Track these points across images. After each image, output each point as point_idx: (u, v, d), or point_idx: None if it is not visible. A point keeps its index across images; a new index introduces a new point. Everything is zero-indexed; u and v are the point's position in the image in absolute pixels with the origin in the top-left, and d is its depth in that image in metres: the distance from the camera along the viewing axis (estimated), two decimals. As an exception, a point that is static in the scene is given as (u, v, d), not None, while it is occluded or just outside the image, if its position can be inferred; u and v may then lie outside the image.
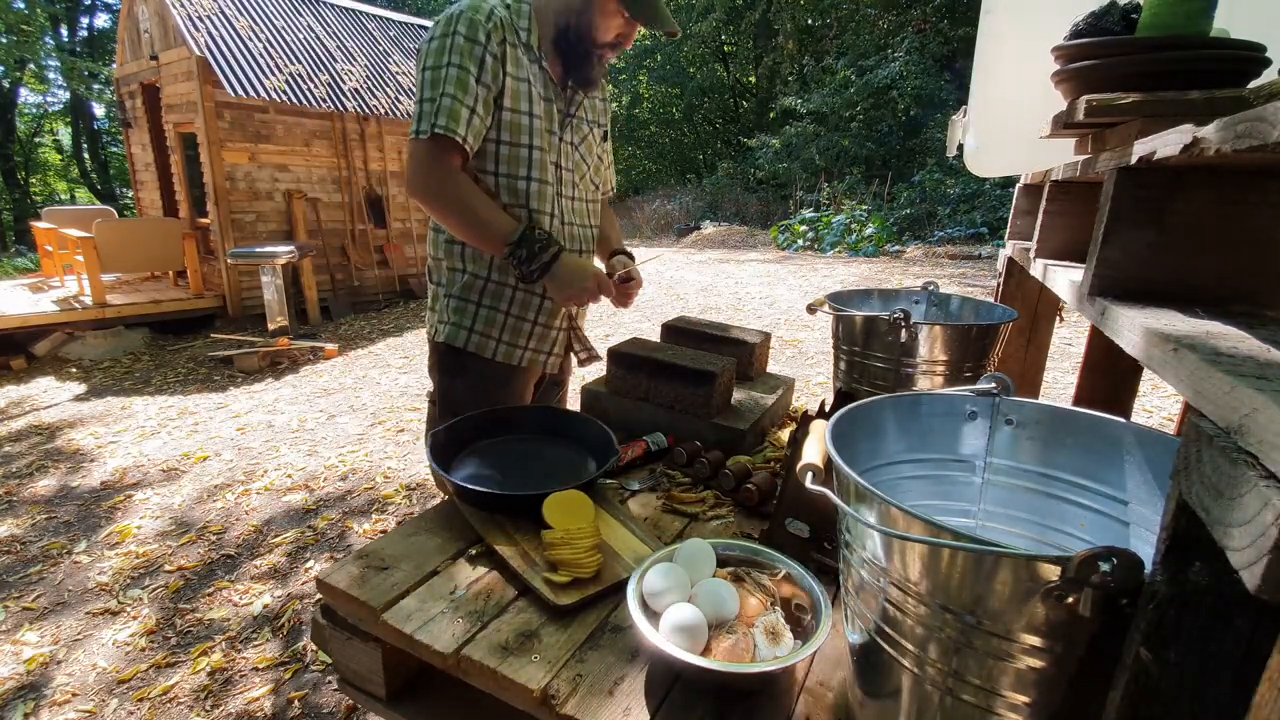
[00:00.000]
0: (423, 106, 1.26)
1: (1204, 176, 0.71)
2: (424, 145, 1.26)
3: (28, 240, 13.79)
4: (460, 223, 1.34)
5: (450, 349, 1.52)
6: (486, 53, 1.26)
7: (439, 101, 1.24)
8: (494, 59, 1.28)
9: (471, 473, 1.32)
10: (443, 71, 1.24)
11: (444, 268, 1.50)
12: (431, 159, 1.27)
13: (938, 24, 13.10)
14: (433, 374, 1.61)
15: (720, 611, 0.88)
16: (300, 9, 7.43)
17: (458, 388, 1.54)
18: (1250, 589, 0.35)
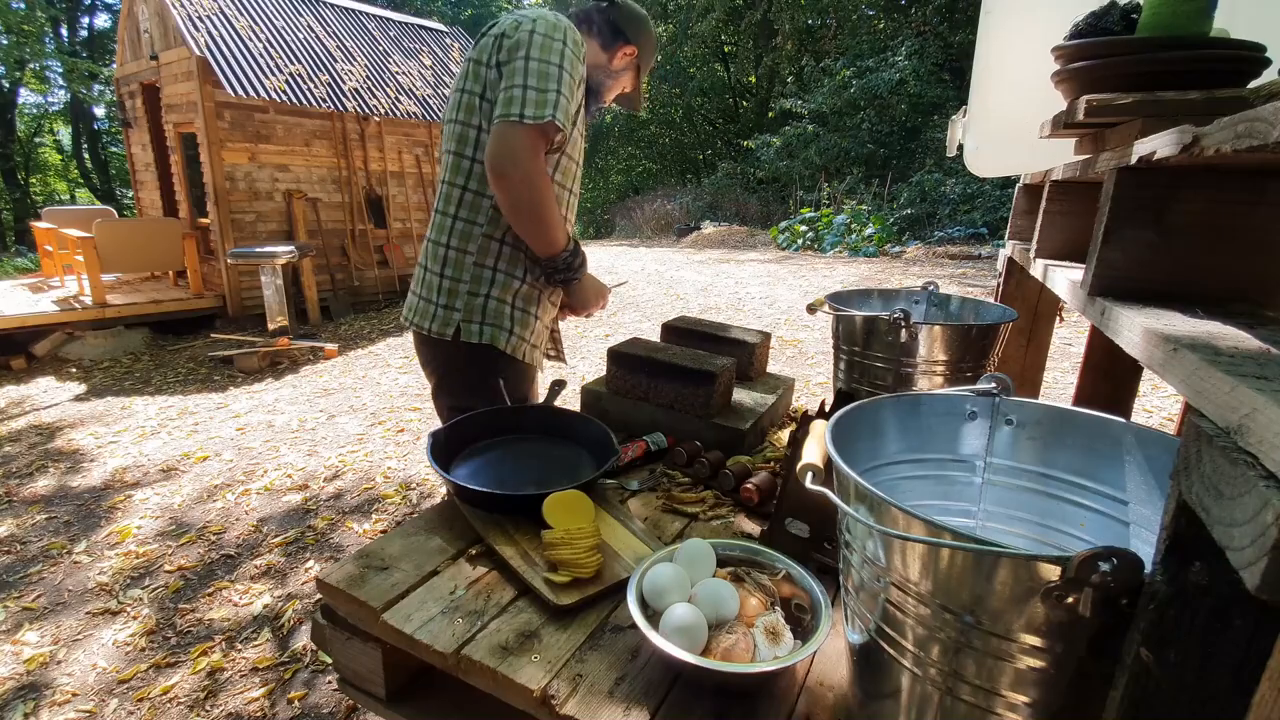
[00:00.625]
0: (537, 94, 1.24)
1: (1204, 176, 0.71)
2: (533, 131, 1.26)
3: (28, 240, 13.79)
4: (540, 215, 1.34)
5: (490, 350, 1.47)
6: (580, 69, 1.34)
7: (556, 96, 1.25)
8: (582, 79, 1.36)
9: (471, 473, 1.32)
10: (556, 70, 1.26)
11: (470, 263, 1.44)
12: (536, 146, 1.28)
13: (937, 27, 13.10)
14: (455, 373, 1.51)
15: (720, 611, 0.88)
16: (300, 9, 7.43)
17: (489, 389, 1.47)
18: (1250, 589, 0.35)
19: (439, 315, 1.47)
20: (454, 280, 1.46)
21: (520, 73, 1.25)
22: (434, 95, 7.74)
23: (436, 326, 1.47)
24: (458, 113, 1.39)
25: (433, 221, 1.49)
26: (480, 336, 1.47)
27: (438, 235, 1.47)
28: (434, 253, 1.48)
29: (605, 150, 21.29)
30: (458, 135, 1.40)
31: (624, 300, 7.29)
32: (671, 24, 19.36)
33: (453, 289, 1.46)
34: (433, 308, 1.47)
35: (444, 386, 1.57)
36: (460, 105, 1.38)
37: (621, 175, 21.88)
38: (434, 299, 1.47)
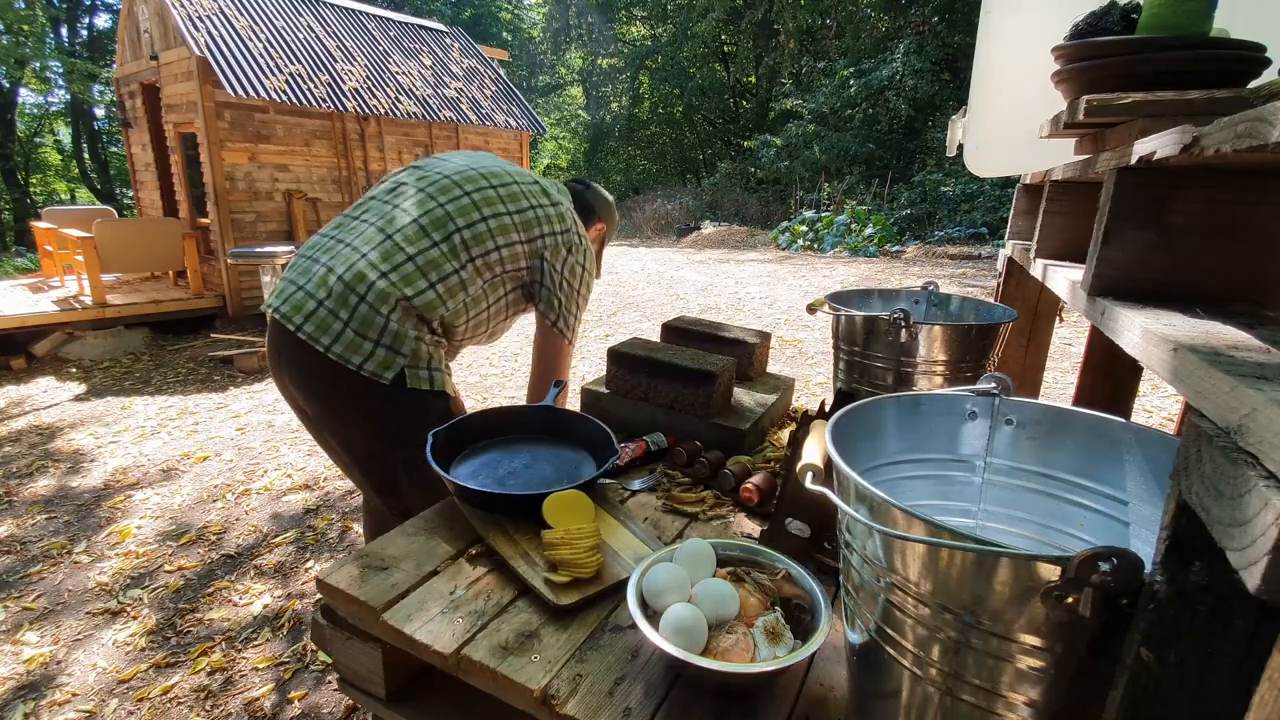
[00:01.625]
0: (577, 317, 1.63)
1: (1204, 176, 0.71)
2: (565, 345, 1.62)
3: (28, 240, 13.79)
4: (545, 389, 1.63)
5: (442, 394, 1.46)
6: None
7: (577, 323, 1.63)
8: None
9: (471, 473, 1.32)
10: (586, 295, 1.63)
11: (414, 318, 1.40)
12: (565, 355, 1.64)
13: (936, 26, 13.11)
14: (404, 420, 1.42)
15: (720, 611, 0.88)
16: (300, 9, 7.43)
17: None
18: (1250, 589, 0.35)
19: (377, 355, 1.36)
20: (401, 325, 1.37)
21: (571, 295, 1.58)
22: (434, 95, 7.74)
23: (372, 366, 1.35)
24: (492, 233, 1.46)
25: (392, 259, 1.37)
26: (431, 384, 1.42)
27: (400, 281, 1.36)
28: (383, 291, 1.36)
29: (605, 150, 21.31)
30: (480, 248, 1.45)
31: (624, 300, 7.29)
32: (671, 24, 19.37)
33: (401, 333, 1.37)
34: (368, 344, 1.35)
35: (394, 436, 1.42)
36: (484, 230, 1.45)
37: (621, 175, 21.88)
38: (369, 335, 1.35)
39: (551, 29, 22.25)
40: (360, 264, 1.38)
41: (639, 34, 21.15)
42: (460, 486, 1.20)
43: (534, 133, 8.99)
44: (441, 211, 1.44)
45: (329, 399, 1.43)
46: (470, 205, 1.45)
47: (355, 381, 1.36)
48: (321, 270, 1.40)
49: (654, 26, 20.65)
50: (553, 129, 22.81)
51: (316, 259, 1.44)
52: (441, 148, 7.89)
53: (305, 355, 1.37)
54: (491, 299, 1.51)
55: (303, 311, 1.36)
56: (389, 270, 1.37)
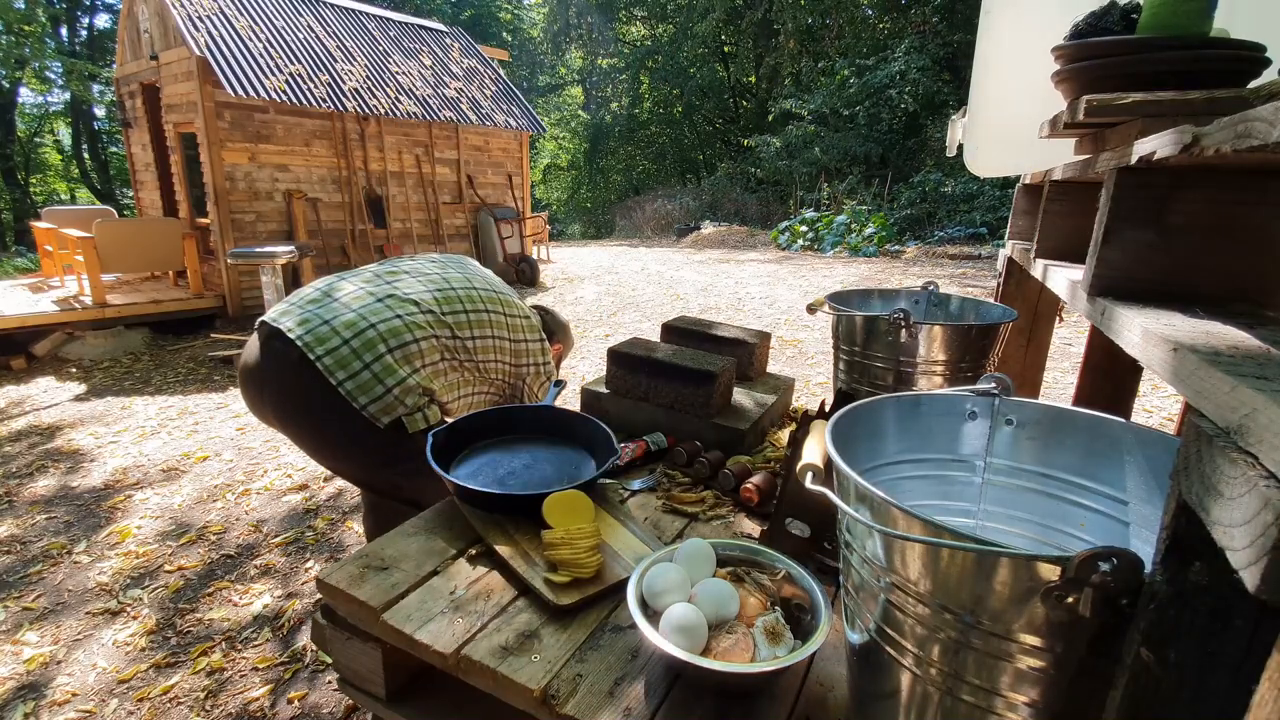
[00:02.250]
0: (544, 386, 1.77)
1: (1204, 176, 0.71)
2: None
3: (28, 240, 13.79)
4: None
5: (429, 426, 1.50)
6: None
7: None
8: None
9: (471, 473, 1.32)
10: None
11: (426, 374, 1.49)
12: None
13: (937, 26, 13.10)
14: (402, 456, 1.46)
15: (720, 611, 0.88)
16: (300, 9, 7.43)
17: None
18: (1250, 589, 0.35)
19: (385, 400, 1.42)
20: (413, 383, 1.45)
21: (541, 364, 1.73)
22: (434, 95, 7.74)
23: (375, 409, 1.41)
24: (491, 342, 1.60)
25: (423, 331, 1.49)
26: (426, 422, 1.46)
27: (426, 349, 1.48)
28: (409, 354, 1.46)
29: (605, 150, 21.30)
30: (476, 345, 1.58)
31: (624, 300, 7.29)
32: (671, 24, 19.36)
33: (409, 388, 1.44)
34: (380, 388, 1.42)
35: (389, 464, 1.48)
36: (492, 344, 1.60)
37: (621, 175, 21.88)
38: (385, 380, 1.42)
39: (551, 29, 22.24)
40: (397, 324, 1.47)
41: (639, 34, 21.15)
42: (460, 486, 1.20)
43: (534, 133, 8.99)
44: (465, 317, 1.58)
45: (317, 433, 1.50)
46: (488, 321, 1.62)
47: (352, 421, 1.42)
48: (354, 317, 1.48)
49: (654, 26, 20.65)
50: (553, 129, 22.80)
51: (343, 302, 1.52)
52: (441, 148, 7.89)
53: (308, 383, 1.41)
54: (476, 390, 1.65)
55: (325, 344, 1.42)
56: (421, 339, 1.48)
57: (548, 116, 22.26)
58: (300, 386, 1.43)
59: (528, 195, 9.09)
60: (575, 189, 23.22)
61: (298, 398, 1.47)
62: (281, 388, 1.48)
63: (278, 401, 1.50)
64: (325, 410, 1.42)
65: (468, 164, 8.22)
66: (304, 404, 1.47)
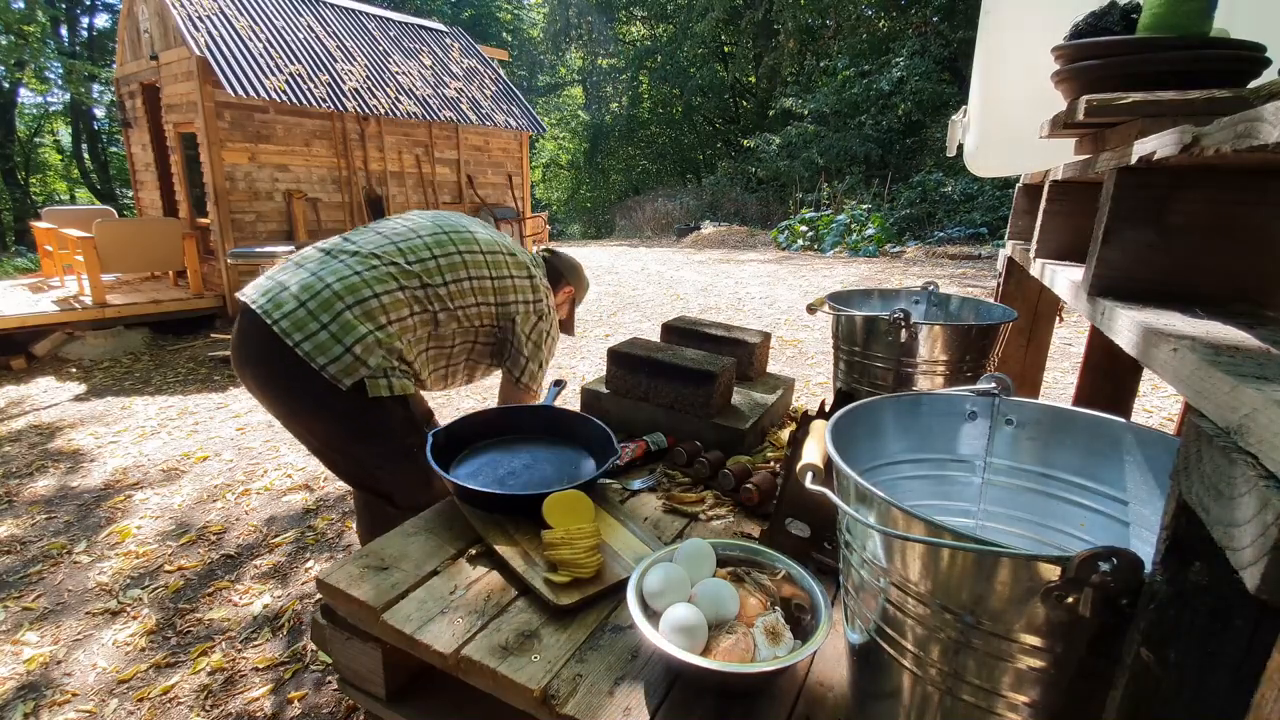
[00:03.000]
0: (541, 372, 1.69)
1: (1204, 176, 0.71)
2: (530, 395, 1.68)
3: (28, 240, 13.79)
4: None
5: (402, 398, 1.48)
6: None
7: (540, 372, 1.68)
8: None
9: (471, 473, 1.32)
10: (550, 355, 1.71)
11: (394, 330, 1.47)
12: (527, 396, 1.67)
13: (938, 26, 13.10)
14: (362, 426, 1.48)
15: (720, 611, 0.88)
16: (300, 9, 7.43)
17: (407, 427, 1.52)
18: (1250, 589, 0.35)
19: (343, 360, 1.39)
20: (375, 343, 1.42)
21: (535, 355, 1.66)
22: (434, 95, 7.74)
23: (335, 369, 1.39)
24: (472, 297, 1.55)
25: (385, 284, 1.45)
26: (391, 390, 1.43)
27: (390, 304, 1.45)
28: (370, 311, 1.42)
29: (605, 150, 21.30)
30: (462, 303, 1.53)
31: (624, 300, 7.29)
32: (671, 24, 19.36)
33: (371, 348, 1.41)
34: (339, 348, 1.39)
35: (354, 434, 1.48)
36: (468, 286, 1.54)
37: (621, 175, 21.87)
38: (343, 340, 1.39)
39: (551, 29, 22.24)
40: (353, 279, 1.44)
41: (639, 34, 21.15)
42: (460, 486, 1.20)
43: (534, 133, 8.99)
44: (434, 263, 1.53)
45: (289, 400, 1.48)
46: (461, 263, 1.55)
47: (315, 383, 1.40)
48: (310, 278, 1.44)
49: (654, 26, 20.65)
50: (553, 129, 22.80)
51: (305, 266, 1.49)
52: (441, 148, 7.89)
53: (271, 351, 1.41)
54: (458, 342, 1.60)
55: (282, 309, 1.41)
56: (381, 293, 1.44)
57: (548, 116, 22.26)
58: (268, 356, 1.43)
59: (528, 195, 9.09)
60: (575, 189, 23.22)
61: (265, 367, 1.47)
62: (258, 361, 1.48)
63: (255, 376, 1.50)
64: (290, 377, 1.42)
65: (468, 164, 8.22)
66: (270, 373, 1.46)
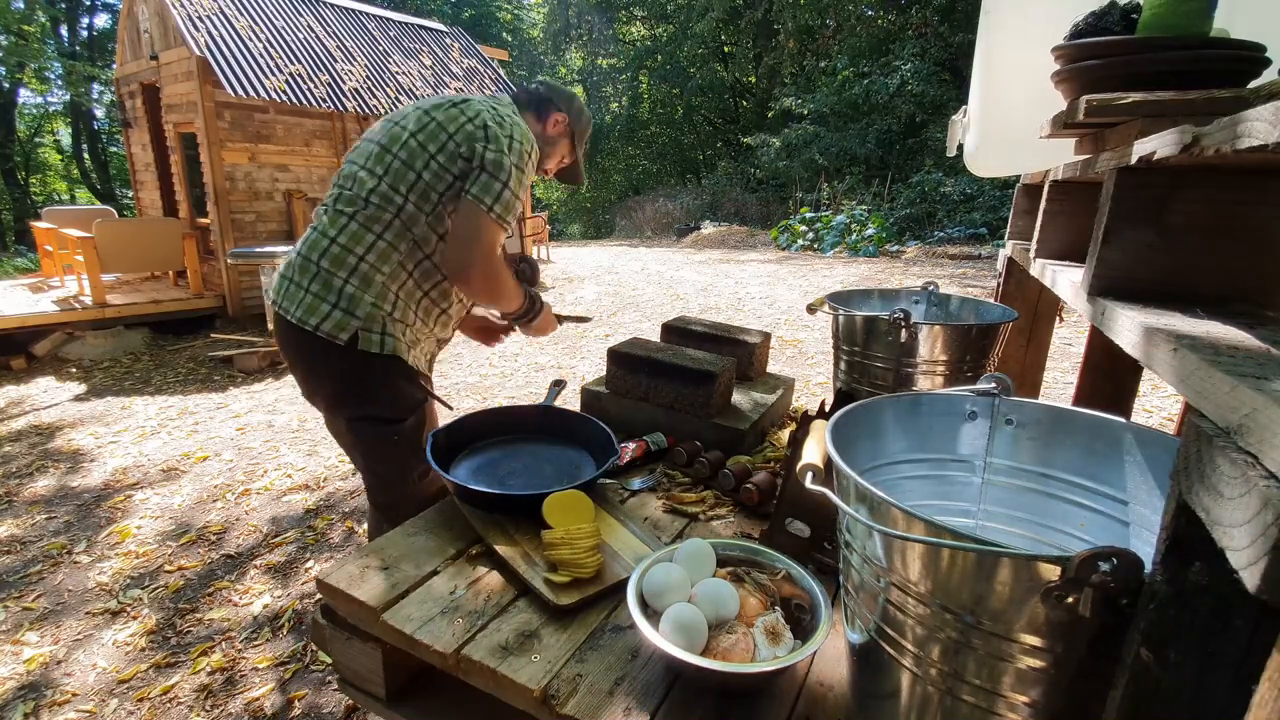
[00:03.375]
0: (514, 200, 1.45)
1: (1204, 176, 0.71)
2: (498, 232, 1.45)
3: (28, 240, 13.79)
4: (496, 291, 1.51)
5: (393, 359, 1.47)
6: (530, 168, 1.52)
7: (513, 202, 1.45)
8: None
9: (471, 473, 1.32)
10: (516, 175, 1.45)
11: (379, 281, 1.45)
12: (495, 245, 1.47)
13: (938, 27, 13.09)
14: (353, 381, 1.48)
15: (720, 611, 0.88)
16: (300, 9, 7.43)
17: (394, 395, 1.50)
18: (1250, 589, 0.35)
19: (333, 316, 1.42)
20: (358, 289, 1.43)
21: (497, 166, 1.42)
22: (434, 95, 7.74)
23: (328, 326, 1.41)
24: (415, 163, 1.43)
25: (338, 224, 1.45)
26: (382, 347, 1.44)
27: (348, 241, 1.44)
28: (336, 255, 1.43)
29: (605, 150, 21.30)
30: (408, 181, 1.43)
31: (624, 300, 7.29)
32: (671, 24, 19.36)
33: (356, 296, 1.43)
34: (325, 305, 1.42)
35: (343, 398, 1.50)
36: (418, 160, 1.43)
37: (621, 175, 21.87)
38: (327, 298, 1.43)
39: (551, 29, 22.24)
40: (314, 236, 1.48)
41: (639, 34, 21.15)
42: (460, 486, 1.20)
43: (534, 133, 8.97)
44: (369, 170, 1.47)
45: (301, 368, 1.53)
46: (384, 151, 1.47)
47: (315, 343, 1.44)
48: (295, 257, 1.51)
49: (654, 26, 20.65)
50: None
51: (296, 249, 1.55)
52: (441, 148, 7.88)
53: (283, 331, 1.49)
54: (440, 231, 1.50)
55: (282, 291, 1.48)
56: (337, 234, 1.45)
57: (548, 116, 22.19)
58: (286, 342, 1.51)
59: (528, 195, 9.09)
60: (575, 189, 23.21)
61: (289, 352, 1.52)
62: (286, 356, 1.55)
63: (293, 371, 1.57)
64: (299, 351, 1.48)
65: (468, 164, 8.22)
66: (291, 358, 1.53)
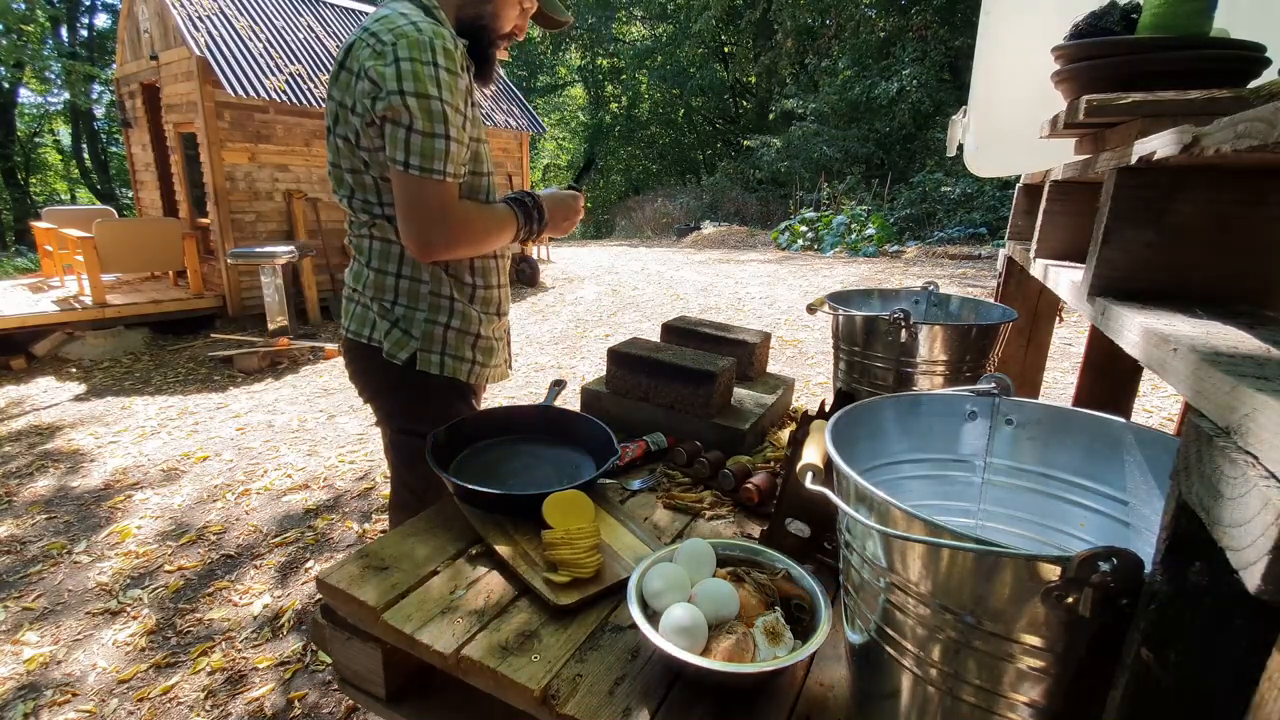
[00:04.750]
0: (432, 143, 1.15)
1: (1204, 176, 0.70)
2: (437, 188, 1.18)
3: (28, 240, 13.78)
4: (482, 245, 1.32)
5: (453, 381, 1.41)
6: (463, 86, 1.21)
7: (448, 145, 1.17)
8: (467, 90, 1.23)
9: (471, 473, 1.32)
10: (421, 106, 1.13)
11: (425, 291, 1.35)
12: (445, 203, 1.21)
13: (939, 29, 13.10)
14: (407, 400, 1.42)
15: (720, 611, 0.88)
16: (300, 9, 7.43)
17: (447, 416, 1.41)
18: (1250, 589, 0.35)
19: (393, 336, 1.36)
20: (408, 308, 1.35)
21: (410, 111, 1.12)
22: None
23: (389, 347, 1.36)
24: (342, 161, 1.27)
25: (368, 248, 1.34)
26: (442, 369, 1.38)
27: (381, 264, 1.34)
28: (378, 282, 1.34)
29: (605, 150, 21.32)
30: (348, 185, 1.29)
31: (624, 300, 7.29)
32: (671, 24, 19.38)
33: (408, 315, 1.35)
34: (386, 324, 1.36)
35: (394, 412, 1.46)
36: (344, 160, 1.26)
37: (621, 175, 21.88)
38: (388, 317, 1.36)
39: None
40: (355, 267, 1.41)
41: (639, 34, 21.16)
42: (460, 486, 1.20)
43: (534, 133, 8.99)
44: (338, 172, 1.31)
45: (359, 380, 1.48)
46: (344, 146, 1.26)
47: (369, 357, 1.40)
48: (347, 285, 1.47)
49: (654, 26, 20.66)
50: (553, 129, 22.80)
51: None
52: (441, 148, 7.88)
53: (345, 347, 1.46)
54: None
55: (344, 312, 1.45)
56: (368, 259, 1.36)
57: (548, 117, 22.25)
58: (348, 358, 1.48)
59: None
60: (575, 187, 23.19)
61: (348, 366, 1.49)
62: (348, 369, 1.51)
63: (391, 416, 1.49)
64: (358, 363, 1.44)
65: (468, 164, 8.21)
66: (351, 369, 1.49)
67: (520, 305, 7.25)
